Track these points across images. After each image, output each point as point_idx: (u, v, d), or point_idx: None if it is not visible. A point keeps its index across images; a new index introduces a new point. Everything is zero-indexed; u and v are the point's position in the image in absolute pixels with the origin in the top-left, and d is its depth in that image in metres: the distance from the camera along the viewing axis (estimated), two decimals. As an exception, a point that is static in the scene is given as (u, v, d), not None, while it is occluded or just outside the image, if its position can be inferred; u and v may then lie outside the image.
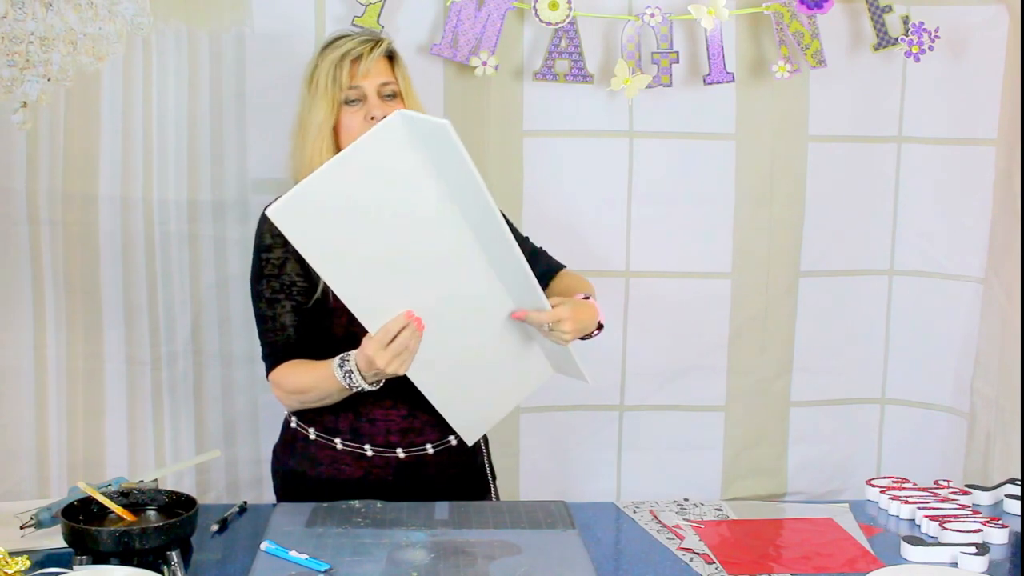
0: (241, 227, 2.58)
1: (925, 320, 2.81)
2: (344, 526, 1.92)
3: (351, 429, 2.10)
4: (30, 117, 2.35)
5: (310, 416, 2.12)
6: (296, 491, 2.14)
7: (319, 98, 2.03)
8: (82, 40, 2.31)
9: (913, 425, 2.86)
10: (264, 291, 2.06)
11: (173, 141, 2.52)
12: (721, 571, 1.80)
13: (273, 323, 2.05)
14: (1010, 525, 1.98)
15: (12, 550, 1.62)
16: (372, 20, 2.48)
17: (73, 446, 2.54)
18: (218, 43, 2.49)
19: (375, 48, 2.05)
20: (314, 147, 2.03)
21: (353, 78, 2.04)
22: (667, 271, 2.75)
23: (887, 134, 2.74)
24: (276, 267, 2.05)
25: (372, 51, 2.05)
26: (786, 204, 2.74)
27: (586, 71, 2.57)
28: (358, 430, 2.10)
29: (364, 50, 2.05)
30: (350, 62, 2.04)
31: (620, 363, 2.78)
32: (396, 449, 2.10)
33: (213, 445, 2.63)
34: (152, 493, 1.89)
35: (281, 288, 2.05)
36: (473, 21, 2.52)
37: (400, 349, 1.87)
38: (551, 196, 2.69)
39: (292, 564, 1.76)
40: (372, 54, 2.05)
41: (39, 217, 2.46)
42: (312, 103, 2.04)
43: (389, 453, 2.10)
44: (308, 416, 2.12)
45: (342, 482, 2.10)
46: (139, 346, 2.56)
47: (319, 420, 2.11)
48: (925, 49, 2.60)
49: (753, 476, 2.84)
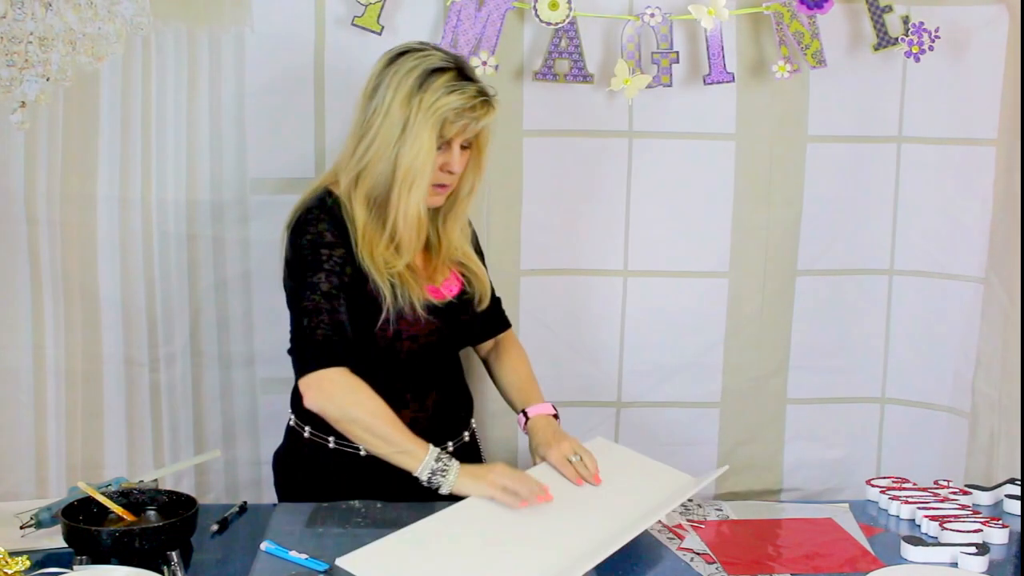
0: (240, 227, 2.57)
1: (925, 320, 2.81)
2: (344, 526, 1.92)
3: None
4: (29, 117, 2.35)
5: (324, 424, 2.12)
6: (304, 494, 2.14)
7: (417, 128, 2.00)
8: (81, 40, 2.31)
9: (913, 425, 2.86)
10: (321, 284, 2.01)
11: (172, 141, 2.51)
12: (721, 571, 1.81)
13: (331, 317, 2.00)
14: (1010, 525, 1.99)
15: (12, 550, 1.62)
16: (372, 20, 2.47)
17: (72, 447, 2.53)
18: (218, 43, 2.49)
19: (489, 113, 2.05)
20: (379, 161, 2.03)
21: (458, 133, 2.04)
22: (665, 270, 2.75)
23: (887, 134, 2.74)
24: (339, 264, 2.03)
25: (486, 116, 2.04)
26: (785, 204, 2.74)
27: (586, 71, 2.57)
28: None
29: (481, 113, 2.03)
30: (464, 119, 2.02)
31: (617, 360, 2.78)
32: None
33: (212, 446, 2.62)
34: (152, 493, 1.89)
35: (342, 286, 2.02)
36: (473, 21, 2.51)
37: (519, 488, 1.90)
38: (551, 196, 2.68)
39: (292, 564, 1.76)
40: (484, 120, 2.05)
41: (37, 217, 2.45)
42: (400, 122, 2.01)
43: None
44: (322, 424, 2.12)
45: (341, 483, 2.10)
46: (137, 347, 2.56)
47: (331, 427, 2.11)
48: (925, 49, 2.60)
49: (748, 471, 2.84)
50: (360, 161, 2.05)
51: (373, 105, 2.05)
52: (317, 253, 2.03)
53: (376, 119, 2.03)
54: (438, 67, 2.03)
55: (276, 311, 2.34)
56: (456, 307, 2.15)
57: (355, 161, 2.06)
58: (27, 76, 2.30)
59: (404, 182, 2.02)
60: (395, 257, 2.06)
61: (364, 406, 1.98)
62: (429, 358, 2.13)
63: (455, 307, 2.15)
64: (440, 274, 2.16)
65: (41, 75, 2.31)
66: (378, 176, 2.04)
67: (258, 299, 2.61)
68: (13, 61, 2.29)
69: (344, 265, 2.03)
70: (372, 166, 2.04)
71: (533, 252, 2.68)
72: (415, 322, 2.06)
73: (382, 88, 2.04)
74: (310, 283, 2.01)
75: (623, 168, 2.69)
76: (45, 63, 2.31)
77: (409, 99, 2.01)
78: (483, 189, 2.59)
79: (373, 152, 2.04)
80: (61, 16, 2.29)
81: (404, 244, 2.07)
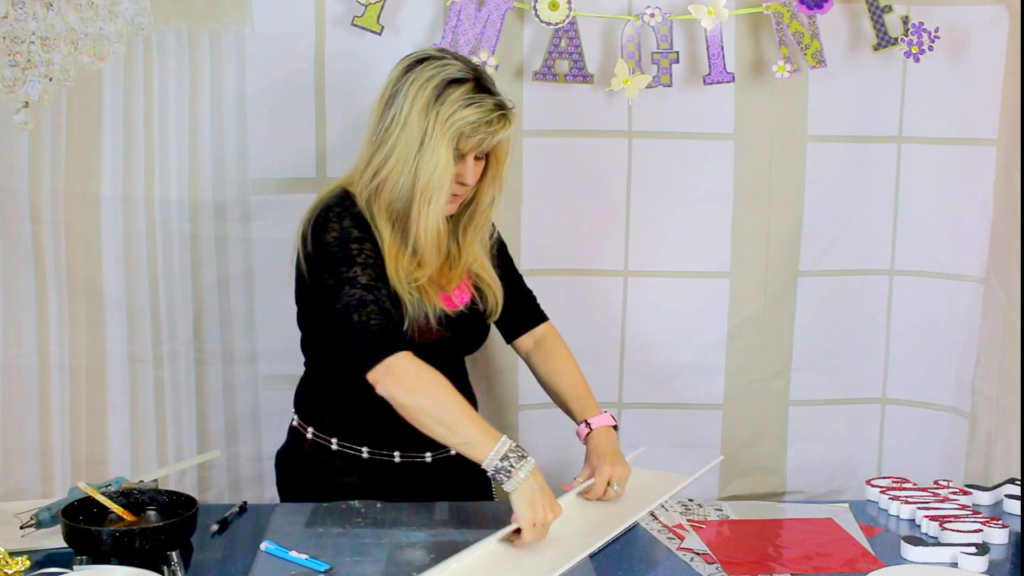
0: (242, 226, 2.58)
1: (925, 320, 2.80)
2: (344, 526, 1.92)
3: (371, 434, 2.11)
4: (32, 117, 2.36)
5: (330, 426, 2.12)
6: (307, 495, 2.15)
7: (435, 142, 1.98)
8: (83, 40, 2.32)
9: (914, 425, 2.85)
10: (360, 277, 1.96)
11: (174, 141, 2.52)
12: (721, 571, 1.81)
13: (379, 307, 1.95)
14: (1010, 525, 1.99)
15: (12, 550, 1.63)
16: (372, 20, 2.48)
17: (76, 444, 2.54)
18: (218, 43, 2.49)
19: (506, 127, 2.03)
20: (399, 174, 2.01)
21: (475, 147, 2.02)
22: (666, 270, 2.75)
23: (887, 134, 2.74)
24: (371, 257, 1.99)
25: (503, 130, 2.02)
26: (785, 204, 2.74)
27: (586, 71, 2.57)
28: (377, 434, 2.10)
29: (498, 128, 2.01)
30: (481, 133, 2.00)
31: (618, 361, 2.78)
32: (394, 453, 2.11)
33: (215, 442, 2.64)
34: (152, 493, 1.90)
35: (379, 278, 1.99)
36: (473, 21, 2.52)
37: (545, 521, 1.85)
38: (551, 196, 2.69)
39: (292, 564, 1.76)
40: (501, 134, 2.03)
41: (42, 217, 2.46)
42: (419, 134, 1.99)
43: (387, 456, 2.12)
44: (328, 426, 2.13)
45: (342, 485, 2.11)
46: (141, 344, 2.57)
47: (340, 429, 2.11)
48: (925, 49, 2.60)
49: (752, 475, 2.84)
50: (379, 173, 2.02)
51: (391, 114, 2.01)
52: (347, 248, 1.99)
53: (394, 129, 2.00)
54: (456, 78, 2.00)
55: (278, 309, 2.35)
56: (466, 317, 2.14)
57: (372, 171, 2.03)
58: (30, 76, 2.31)
59: (423, 197, 1.99)
60: (417, 270, 2.05)
61: (433, 393, 1.92)
62: (436, 364, 2.11)
63: (465, 317, 2.14)
64: (453, 283, 2.15)
65: (44, 75, 2.32)
66: (399, 189, 2.01)
67: (260, 297, 2.62)
68: (16, 61, 2.30)
69: (376, 256, 2.00)
70: (392, 178, 2.01)
71: (533, 252, 2.68)
72: (427, 331, 2.05)
73: (399, 97, 2.00)
74: (347, 278, 1.96)
75: (623, 168, 2.69)
76: (48, 63, 2.32)
77: (427, 111, 1.97)
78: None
79: (392, 164, 2.00)
80: (62, 16, 2.30)
81: (426, 257, 2.05)
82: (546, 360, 2.31)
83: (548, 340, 2.33)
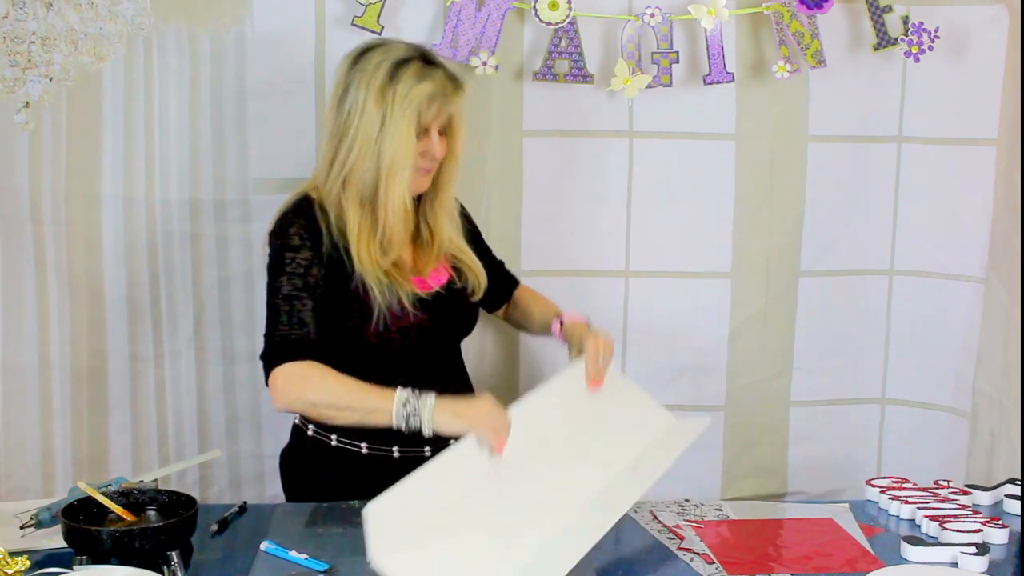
0: (242, 226, 2.58)
1: (925, 320, 2.80)
2: (344, 526, 1.92)
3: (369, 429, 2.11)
4: (33, 117, 2.37)
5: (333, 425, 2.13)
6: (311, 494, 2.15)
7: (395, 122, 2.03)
8: (83, 40, 2.33)
9: (913, 425, 2.85)
10: (283, 287, 2.04)
11: (175, 141, 2.52)
12: (721, 571, 1.81)
13: (289, 318, 2.02)
14: (1010, 525, 1.99)
15: (12, 550, 1.63)
16: (372, 20, 2.48)
17: (77, 443, 2.55)
18: (218, 43, 2.50)
19: (459, 95, 2.09)
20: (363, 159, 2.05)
21: (434, 118, 2.07)
22: (666, 271, 2.75)
23: (887, 134, 2.74)
24: (303, 267, 2.05)
25: (457, 98, 2.08)
26: (786, 204, 2.74)
27: (586, 71, 2.57)
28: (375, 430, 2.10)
29: (453, 96, 2.08)
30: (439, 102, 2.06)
31: (619, 362, 2.77)
32: (392, 448, 2.12)
33: (215, 441, 2.64)
34: (152, 493, 1.90)
35: (304, 287, 2.04)
36: (473, 21, 2.52)
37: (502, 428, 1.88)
38: (551, 196, 2.69)
39: (292, 564, 1.76)
40: (456, 101, 2.08)
41: (42, 216, 2.47)
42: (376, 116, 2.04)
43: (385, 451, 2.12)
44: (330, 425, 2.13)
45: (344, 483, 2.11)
46: (142, 343, 2.57)
47: (339, 426, 2.11)
48: (925, 49, 2.60)
49: (753, 476, 2.84)
50: (344, 165, 2.07)
51: (347, 107, 2.06)
52: (281, 257, 2.06)
53: (353, 119, 2.05)
54: (404, 58, 2.06)
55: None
56: (444, 297, 2.16)
57: (338, 165, 2.08)
58: (30, 76, 2.32)
59: (389, 174, 2.05)
60: (382, 255, 2.09)
61: (317, 386, 1.99)
62: (425, 351, 2.13)
63: (443, 297, 2.16)
64: (429, 266, 2.18)
65: (44, 75, 2.33)
66: (365, 174, 2.06)
67: (260, 296, 2.58)
68: (16, 61, 2.30)
69: (308, 267, 2.05)
70: (357, 165, 2.06)
71: (533, 252, 2.68)
72: (403, 316, 2.07)
73: (352, 89, 2.06)
74: (273, 287, 2.05)
75: (623, 168, 2.69)
76: (48, 63, 2.32)
77: (383, 93, 2.03)
78: (483, 189, 2.61)
79: (357, 151, 2.05)
80: (63, 16, 2.31)
81: (393, 237, 2.09)
82: (515, 304, 2.44)
83: (521, 293, 2.45)
